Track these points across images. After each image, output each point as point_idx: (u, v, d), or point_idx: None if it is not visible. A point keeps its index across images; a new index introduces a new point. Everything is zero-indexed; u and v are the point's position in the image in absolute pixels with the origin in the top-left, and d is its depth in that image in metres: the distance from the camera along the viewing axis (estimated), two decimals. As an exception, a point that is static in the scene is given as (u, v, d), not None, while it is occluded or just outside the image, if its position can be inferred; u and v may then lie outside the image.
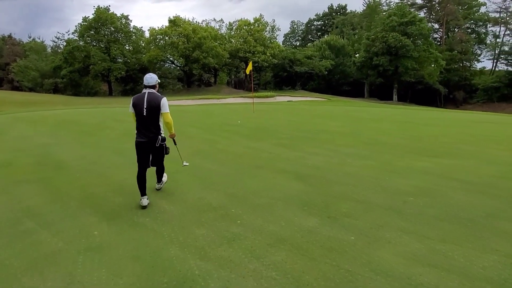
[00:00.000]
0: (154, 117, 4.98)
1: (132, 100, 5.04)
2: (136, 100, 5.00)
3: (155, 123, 5.03)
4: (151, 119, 4.98)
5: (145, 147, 5.10)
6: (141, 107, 4.92)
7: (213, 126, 13.43)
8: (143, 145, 5.09)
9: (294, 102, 32.62)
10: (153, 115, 4.96)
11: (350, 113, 19.29)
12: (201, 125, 13.81)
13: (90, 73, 50.77)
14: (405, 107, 33.79)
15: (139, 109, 4.94)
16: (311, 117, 17.01)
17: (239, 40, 54.55)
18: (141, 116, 4.96)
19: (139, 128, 5.07)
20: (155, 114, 4.97)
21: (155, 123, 5.03)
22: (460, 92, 61.01)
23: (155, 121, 5.02)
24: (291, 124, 13.80)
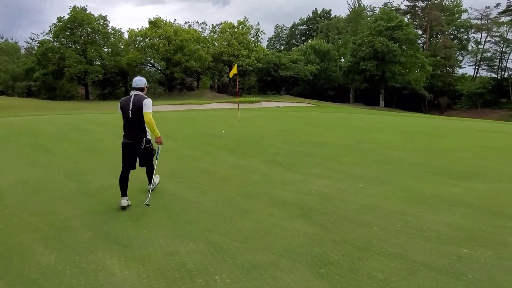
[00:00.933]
0: (139, 118, 5.01)
1: (119, 103, 5.16)
2: (123, 102, 5.11)
3: (140, 124, 5.05)
4: (136, 121, 5.02)
5: (130, 148, 5.16)
6: (127, 108, 5.00)
7: (194, 137, 11.75)
8: (128, 146, 5.15)
9: (281, 108, 31.20)
10: (137, 116, 4.99)
11: (345, 121, 17.92)
12: (181, 136, 12.09)
13: (65, 76, 48.10)
14: (400, 114, 32.82)
15: (126, 111, 5.03)
16: (303, 125, 15.55)
17: (223, 43, 53.03)
18: (127, 118, 5.03)
19: (125, 129, 5.13)
20: (139, 116, 4.99)
21: (140, 124, 5.06)
22: (444, 98, 61.05)
23: (140, 123, 5.04)
24: (283, 135, 12.27)
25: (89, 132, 12.66)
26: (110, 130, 13.29)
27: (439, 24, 59.67)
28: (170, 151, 9.06)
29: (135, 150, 5.19)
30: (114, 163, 7.50)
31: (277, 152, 9.09)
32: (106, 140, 10.76)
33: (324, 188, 6.04)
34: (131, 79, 54.51)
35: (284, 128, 14.14)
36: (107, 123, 15.44)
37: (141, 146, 5.15)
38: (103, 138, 11.29)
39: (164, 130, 13.14)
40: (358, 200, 5.41)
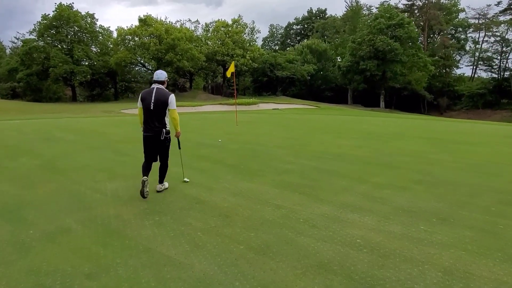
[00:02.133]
0: (161, 112, 5.09)
1: (141, 95, 5.25)
2: (144, 95, 5.19)
3: (160, 117, 5.12)
4: (157, 114, 5.09)
5: (151, 141, 5.24)
6: (149, 101, 5.06)
7: (184, 149, 9.74)
8: (148, 139, 5.24)
9: (281, 111, 29.20)
10: (159, 110, 5.07)
11: (355, 125, 16.02)
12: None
13: (50, 76, 45.65)
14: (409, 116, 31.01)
15: (147, 103, 5.09)
16: (310, 131, 13.63)
17: (216, 42, 50.97)
18: (148, 110, 5.09)
19: (145, 122, 5.21)
20: (161, 109, 5.08)
21: (161, 117, 5.13)
22: (444, 99, 59.78)
23: (161, 116, 5.12)
24: (290, 144, 10.34)
25: (59, 142, 10.60)
26: (85, 139, 11.25)
27: (438, 23, 58.28)
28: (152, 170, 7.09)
29: (155, 142, 5.23)
30: (79, 188, 5.52)
31: (289, 169, 7.14)
32: (76, 154, 8.72)
33: (372, 233, 4.11)
34: (121, 79, 52.33)
35: (289, 135, 12.21)
36: (84, 130, 13.38)
37: (161, 138, 5.18)
38: (73, 150, 9.24)
39: None
40: (432, 259, 3.48)
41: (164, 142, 5.27)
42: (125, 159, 7.94)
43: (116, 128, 13.55)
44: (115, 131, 12.70)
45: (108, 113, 24.21)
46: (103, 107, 31.64)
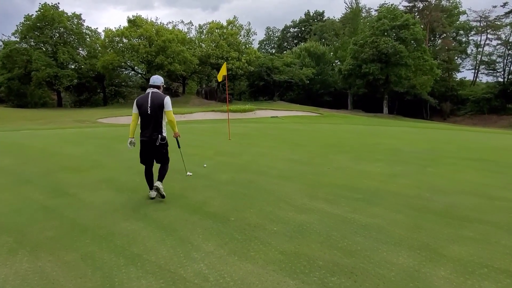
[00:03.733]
0: (157, 115, 5.11)
1: (136, 101, 5.26)
2: (140, 101, 5.21)
3: (158, 121, 5.14)
4: (154, 118, 5.10)
5: (147, 146, 5.25)
6: (146, 106, 5.11)
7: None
8: (145, 144, 5.24)
9: (281, 119, 26.34)
10: (156, 113, 5.10)
11: (375, 139, 13.11)
12: (129, 178, 7.35)
13: (32, 80, 42.74)
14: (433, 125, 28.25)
15: (144, 108, 5.12)
16: (321, 149, 10.84)
17: (210, 45, 48.34)
18: (145, 115, 5.12)
19: (142, 127, 5.23)
20: (158, 112, 5.11)
21: (158, 121, 5.15)
22: (447, 104, 57.59)
23: (158, 120, 5.14)
24: (300, 171, 7.63)
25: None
26: (21, 165, 8.39)
27: (441, 25, 56.07)
28: (89, 228, 4.33)
29: (151, 148, 5.24)
30: None
31: (305, 224, 4.39)
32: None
33: None
34: (108, 84, 49.41)
35: (296, 156, 9.49)
36: (30, 150, 10.23)
37: (156, 143, 5.17)
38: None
39: (112, 163, 8.44)
40: None
41: (160, 148, 5.26)
42: (58, 204, 5.21)
43: (76, 146, 10.73)
44: (71, 151, 9.91)
45: (81, 123, 21.42)
46: (82, 115, 28.72)
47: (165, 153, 5.41)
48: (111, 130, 15.78)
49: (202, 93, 50.54)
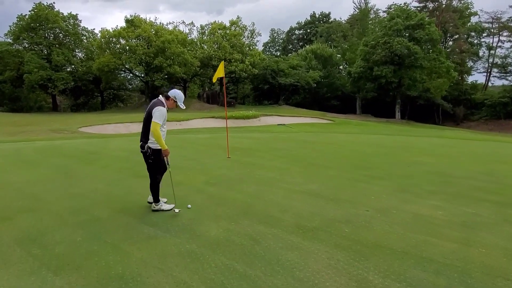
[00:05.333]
0: (147, 124, 4.96)
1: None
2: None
3: (146, 130, 5.01)
4: (145, 124, 4.99)
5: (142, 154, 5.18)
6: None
7: (108, 234, 4.70)
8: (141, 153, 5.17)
9: (290, 128, 23.66)
10: (146, 121, 4.96)
11: (412, 157, 10.35)
12: (58, 250, 4.92)
13: (24, 84, 40.59)
14: (468, 135, 25.24)
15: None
16: (349, 174, 8.18)
17: (213, 46, 46.04)
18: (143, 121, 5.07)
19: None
20: (147, 121, 4.95)
21: (146, 130, 5.00)
22: (461, 108, 54.95)
23: (146, 128, 4.99)
24: (328, 217, 5.16)
25: None
26: None
27: (454, 26, 53.47)
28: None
29: (143, 156, 5.16)
30: None
31: None
32: None
33: None
34: (105, 87, 47.13)
35: (317, 186, 6.98)
36: None
37: (146, 153, 5.07)
38: None
39: (55, 202, 5.94)
40: None
41: (147, 158, 5.10)
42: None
43: (24, 170, 8.04)
44: (11, 179, 7.49)
45: (57, 133, 19.01)
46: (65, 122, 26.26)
47: (151, 165, 5.14)
48: (88, 143, 13.33)
49: (203, 96, 48.20)
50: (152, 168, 5.15)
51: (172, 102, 5.10)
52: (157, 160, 5.09)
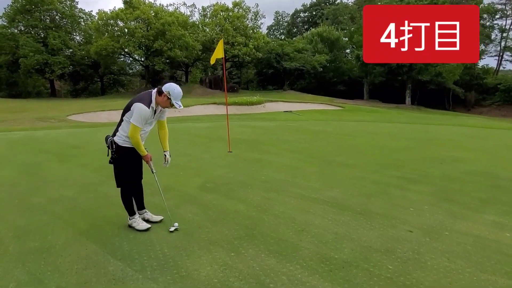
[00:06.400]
0: (121, 117, 3.88)
1: None
2: None
3: (118, 125, 3.92)
4: (120, 118, 3.91)
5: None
6: None
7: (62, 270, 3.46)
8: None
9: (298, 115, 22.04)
10: (122, 114, 3.88)
11: (462, 157, 8.92)
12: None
13: (20, 68, 39.19)
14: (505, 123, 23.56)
15: None
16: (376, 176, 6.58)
17: (215, 29, 44.19)
18: None
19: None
20: (122, 114, 3.87)
21: (119, 125, 3.91)
22: (472, 93, 53.09)
23: (119, 123, 3.91)
24: (378, 260, 3.89)
25: None
26: None
27: (467, 7, 51.11)
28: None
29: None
30: None
31: None
32: None
33: None
34: (105, 72, 45.63)
35: (339, 193, 5.61)
36: None
37: (110, 151, 3.87)
38: None
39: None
40: None
41: (112, 157, 3.90)
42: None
43: None
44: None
45: (43, 121, 17.66)
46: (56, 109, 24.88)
47: (114, 167, 3.97)
48: (73, 134, 12.01)
49: (206, 81, 46.60)
50: (115, 172, 3.98)
51: (165, 99, 3.79)
52: (122, 161, 3.90)
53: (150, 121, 3.91)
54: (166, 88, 3.76)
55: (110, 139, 3.87)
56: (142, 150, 3.89)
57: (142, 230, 4.00)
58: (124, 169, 3.94)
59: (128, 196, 4.06)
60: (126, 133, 3.79)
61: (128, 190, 4.05)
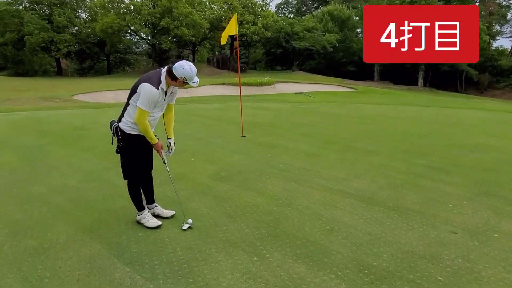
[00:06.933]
0: (127, 100, 3.39)
1: None
2: None
3: (124, 108, 3.40)
4: (126, 102, 3.41)
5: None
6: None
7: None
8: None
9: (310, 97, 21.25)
10: (128, 97, 3.37)
11: (497, 145, 7.88)
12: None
13: (26, 46, 38.60)
14: None
15: None
16: (410, 164, 5.88)
17: (223, 6, 42.99)
18: None
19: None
20: (128, 97, 3.38)
21: (125, 109, 3.40)
22: (486, 75, 51.67)
23: (126, 105, 3.40)
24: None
25: None
26: None
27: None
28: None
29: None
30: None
31: None
32: None
33: None
34: (111, 50, 44.90)
35: (366, 184, 5.09)
36: None
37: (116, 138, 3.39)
38: None
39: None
40: None
41: (117, 145, 3.41)
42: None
43: None
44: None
45: (48, 101, 17.17)
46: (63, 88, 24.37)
47: (121, 157, 3.46)
48: (77, 115, 11.53)
49: (213, 61, 45.69)
50: (122, 162, 3.52)
51: (181, 83, 3.32)
52: (129, 150, 3.42)
53: (160, 104, 3.40)
54: (180, 73, 3.21)
55: (115, 125, 3.38)
56: (152, 137, 3.41)
57: (153, 227, 3.56)
58: (131, 159, 3.48)
59: (136, 189, 3.62)
60: (133, 119, 3.31)
61: (136, 182, 3.60)
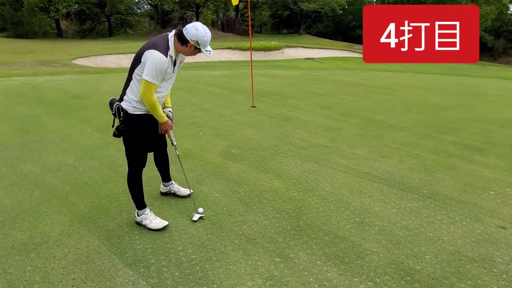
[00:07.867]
0: (130, 73, 2.78)
1: None
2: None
3: (127, 83, 2.82)
4: (129, 74, 2.80)
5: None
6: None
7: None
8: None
9: (321, 63, 20.25)
10: (131, 70, 2.76)
11: None
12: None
13: (23, 6, 37.13)
14: None
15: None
16: (445, 143, 5.85)
17: (228, -35, 40.77)
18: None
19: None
20: (131, 69, 2.76)
21: (128, 83, 2.82)
22: (501, 41, 49.83)
23: (129, 79, 2.80)
24: None
25: None
26: None
27: None
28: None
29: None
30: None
31: None
32: None
33: None
34: (110, 11, 43.23)
35: (395, 167, 4.71)
36: None
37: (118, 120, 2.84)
38: None
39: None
40: None
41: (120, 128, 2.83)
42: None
43: None
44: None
45: (46, 66, 16.38)
46: (62, 51, 23.44)
47: (124, 140, 2.90)
48: (76, 81, 10.89)
49: (218, 24, 44.02)
50: (125, 146, 2.96)
51: (192, 49, 2.70)
52: (132, 134, 2.87)
53: (168, 75, 2.82)
54: (192, 34, 2.61)
55: (116, 105, 2.80)
56: (161, 114, 2.86)
57: (158, 229, 2.99)
58: (134, 144, 2.92)
59: (138, 181, 3.01)
60: (137, 97, 2.76)
61: (138, 173, 3.00)
